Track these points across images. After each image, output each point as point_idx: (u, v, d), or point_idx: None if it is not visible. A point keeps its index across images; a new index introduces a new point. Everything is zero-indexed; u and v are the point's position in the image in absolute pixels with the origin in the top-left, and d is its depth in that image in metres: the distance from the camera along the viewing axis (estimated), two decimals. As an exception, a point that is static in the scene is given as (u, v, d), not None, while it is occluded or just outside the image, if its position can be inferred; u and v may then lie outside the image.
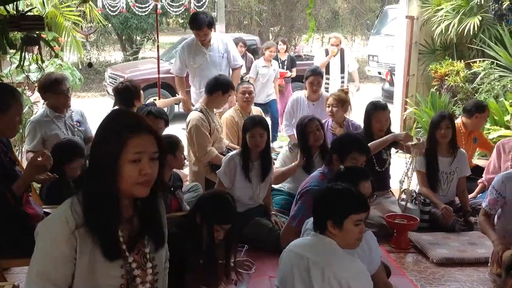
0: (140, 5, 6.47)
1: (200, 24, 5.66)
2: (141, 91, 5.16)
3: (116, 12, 6.55)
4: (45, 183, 3.66)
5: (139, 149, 1.82)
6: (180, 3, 6.63)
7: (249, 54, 9.61)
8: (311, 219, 3.12)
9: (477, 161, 5.87)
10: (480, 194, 5.00)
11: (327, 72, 7.80)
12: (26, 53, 4.45)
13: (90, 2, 6.54)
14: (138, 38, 18.32)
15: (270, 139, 4.49)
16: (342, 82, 7.87)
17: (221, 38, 6.08)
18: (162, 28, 19.30)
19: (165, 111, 5.13)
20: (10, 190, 2.99)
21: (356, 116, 5.79)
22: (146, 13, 7.11)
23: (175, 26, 22.30)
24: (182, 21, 19.28)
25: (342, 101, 5.36)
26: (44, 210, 3.37)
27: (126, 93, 4.97)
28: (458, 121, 5.49)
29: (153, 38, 18.00)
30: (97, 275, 1.83)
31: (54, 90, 4.46)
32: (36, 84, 5.98)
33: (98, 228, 1.81)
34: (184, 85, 6.12)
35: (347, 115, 5.54)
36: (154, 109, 4.64)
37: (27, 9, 5.16)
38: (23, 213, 3.11)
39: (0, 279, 2.99)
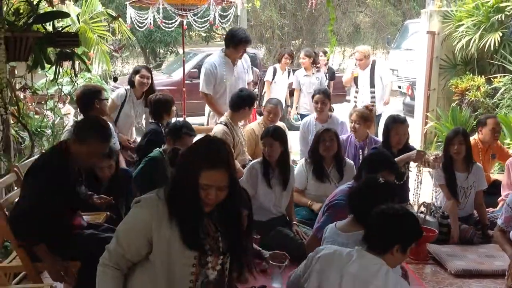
0: (167, 21, 6.67)
1: (249, 40, 5.80)
2: (173, 106, 5.21)
3: (144, 28, 6.77)
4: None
5: (208, 182, 2.18)
6: (206, 19, 6.80)
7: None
8: (330, 226, 3.25)
9: (496, 175, 5.91)
10: (497, 208, 5.05)
11: (356, 86, 7.35)
12: (60, 68, 4.68)
13: (119, 18, 6.77)
14: (161, 51, 18.63)
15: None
16: (373, 97, 7.17)
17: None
18: (184, 41, 19.56)
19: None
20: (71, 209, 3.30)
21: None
22: (172, 28, 7.31)
23: (197, 39, 22.57)
24: (205, 34, 19.57)
25: (365, 118, 5.38)
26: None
27: (156, 105, 5.16)
28: (476, 137, 5.58)
29: (176, 51, 18.32)
30: (172, 256, 2.20)
31: (101, 96, 4.71)
32: (67, 97, 6.24)
33: (181, 221, 2.19)
34: (217, 103, 5.86)
35: (371, 131, 5.56)
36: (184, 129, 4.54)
37: (60, 24, 5.40)
38: (69, 226, 3.32)
39: (38, 280, 3.17)
